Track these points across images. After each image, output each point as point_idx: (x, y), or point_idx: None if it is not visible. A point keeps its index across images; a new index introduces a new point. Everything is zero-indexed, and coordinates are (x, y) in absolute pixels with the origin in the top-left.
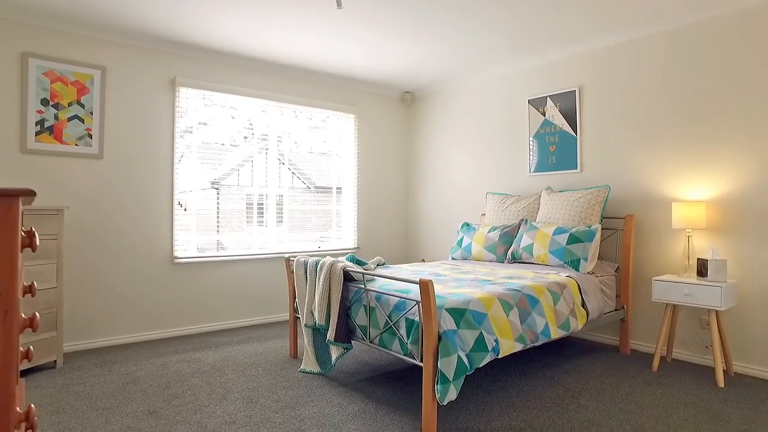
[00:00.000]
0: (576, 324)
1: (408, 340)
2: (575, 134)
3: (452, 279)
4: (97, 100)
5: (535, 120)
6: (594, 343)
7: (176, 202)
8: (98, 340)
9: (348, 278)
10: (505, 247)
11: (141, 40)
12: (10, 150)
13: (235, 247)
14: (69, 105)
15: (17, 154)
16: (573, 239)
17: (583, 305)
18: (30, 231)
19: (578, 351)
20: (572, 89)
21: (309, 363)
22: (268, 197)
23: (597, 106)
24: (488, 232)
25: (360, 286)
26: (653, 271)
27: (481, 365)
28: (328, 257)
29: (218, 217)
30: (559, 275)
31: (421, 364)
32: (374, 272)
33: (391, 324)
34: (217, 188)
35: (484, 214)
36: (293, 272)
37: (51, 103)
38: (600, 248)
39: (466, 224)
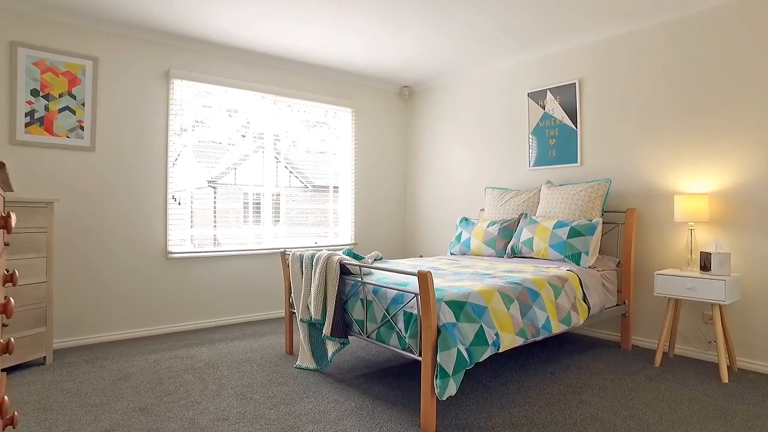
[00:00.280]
0: (577, 318)
1: (406, 334)
2: (575, 127)
3: (451, 273)
4: (89, 92)
5: (535, 113)
6: (595, 339)
7: (170, 196)
8: (89, 337)
9: (345, 271)
10: (505, 242)
11: (134, 31)
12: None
13: (231, 243)
14: (60, 96)
15: (6, 146)
16: (574, 233)
17: (585, 300)
18: (6, 214)
19: (579, 347)
20: (572, 82)
21: (305, 359)
22: (265, 196)
23: (597, 99)
24: (487, 227)
25: (357, 280)
26: (655, 266)
27: (482, 360)
28: (325, 250)
29: (215, 216)
30: (560, 269)
31: (420, 359)
32: (372, 265)
33: (389, 318)
34: (214, 187)
35: (483, 209)
36: (289, 266)
37: (41, 94)
38: (601, 243)
39: (465, 219)
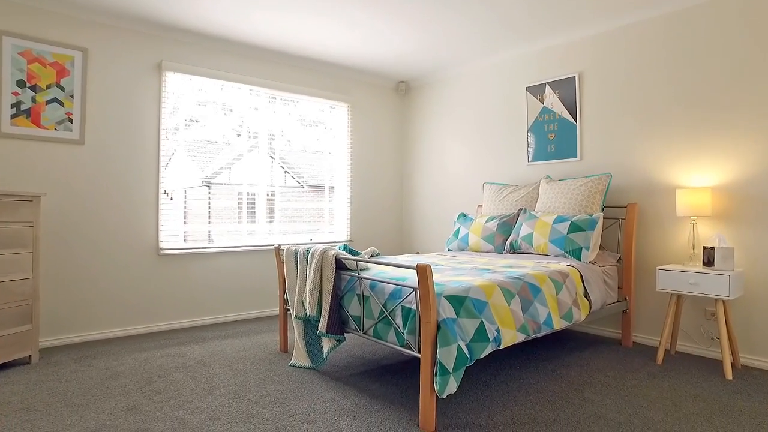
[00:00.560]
0: (579, 315)
1: (404, 330)
2: (575, 122)
3: (450, 268)
4: (78, 83)
5: (534, 108)
6: (595, 336)
7: (162, 191)
8: (77, 335)
9: (340, 266)
10: (504, 237)
11: (125, 21)
12: None
13: (225, 239)
14: (47, 87)
15: None
16: (574, 228)
17: (586, 295)
18: None
19: (579, 344)
20: (572, 75)
21: (299, 357)
22: (260, 195)
23: (597, 93)
24: (486, 222)
25: (353, 275)
26: (656, 261)
27: (482, 356)
28: (320, 245)
29: (209, 215)
30: (561, 264)
31: (419, 356)
32: (368, 259)
33: (387, 313)
34: (209, 186)
35: (481, 206)
36: (283, 262)
37: (28, 85)
38: (601, 238)
39: (463, 215)
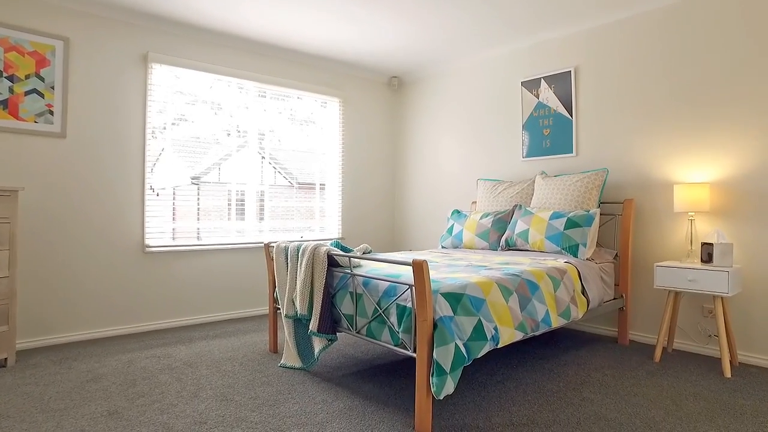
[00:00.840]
0: (576, 312)
1: (399, 329)
2: (570, 117)
3: (445, 265)
4: (60, 74)
5: (529, 103)
6: (591, 335)
7: (148, 186)
8: (58, 336)
9: (332, 263)
10: (499, 234)
11: (109, 10)
12: None
13: (213, 237)
14: (26, 78)
15: None
16: (571, 224)
17: (584, 293)
18: None
19: (575, 342)
20: (567, 70)
21: (290, 357)
22: (249, 194)
23: (593, 87)
24: (480, 219)
25: (346, 272)
26: (653, 258)
27: (480, 355)
28: (311, 242)
29: (198, 214)
30: (558, 261)
31: (414, 355)
32: (361, 255)
33: (381, 311)
34: (198, 184)
35: (475, 202)
36: (273, 259)
37: (5, 75)
38: (598, 235)
39: (457, 211)
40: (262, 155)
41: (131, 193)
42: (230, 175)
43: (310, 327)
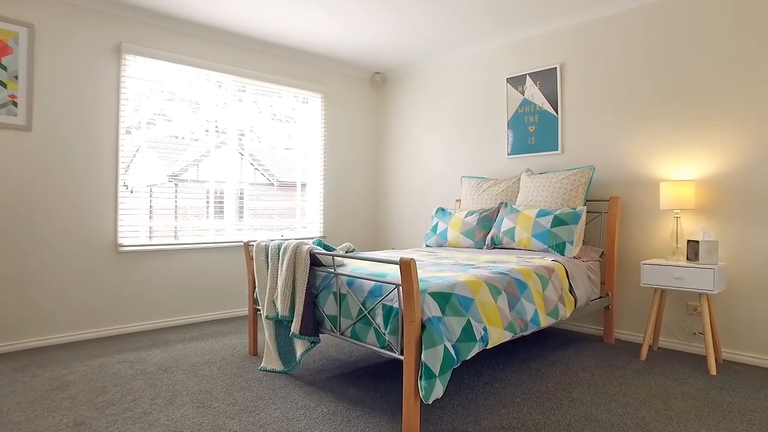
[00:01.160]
0: (564, 311)
1: (385, 331)
2: (556, 114)
3: (430, 264)
4: (24, 63)
5: (514, 100)
6: (577, 333)
7: (121, 183)
8: (22, 341)
9: (315, 263)
10: (484, 232)
11: None
12: None
13: (191, 236)
14: None
15: None
16: (558, 221)
17: (571, 291)
18: None
19: (561, 342)
20: (553, 66)
21: (270, 360)
22: (228, 192)
23: (579, 84)
24: (465, 217)
25: (329, 271)
26: (639, 256)
27: (469, 357)
28: (293, 240)
29: (176, 213)
30: (545, 259)
31: (402, 358)
32: (346, 254)
33: (366, 312)
34: (175, 183)
35: (459, 200)
36: (253, 258)
37: None
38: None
39: (441, 209)
40: (242, 153)
41: (104, 190)
42: (209, 174)
43: (292, 329)
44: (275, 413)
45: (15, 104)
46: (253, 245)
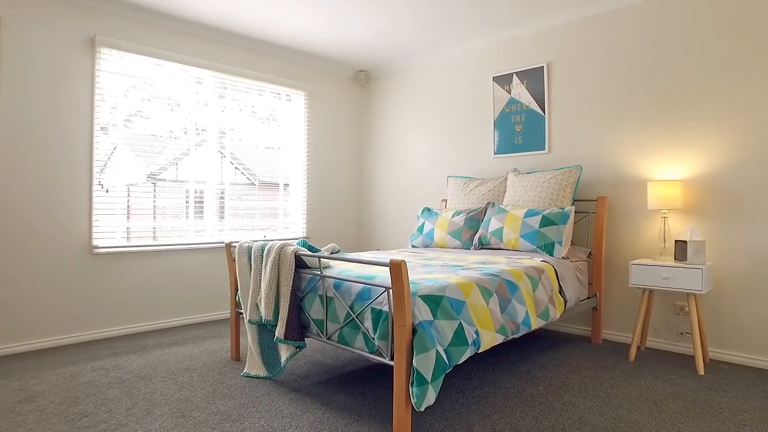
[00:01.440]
0: (554, 313)
1: (375, 335)
2: (543, 113)
3: (419, 265)
4: None
5: (500, 98)
6: (564, 335)
7: (96, 182)
8: None
9: (300, 265)
10: (472, 233)
11: None
12: None
13: (170, 237)
14: None
15: None
16: (546, 222)
17: (561, 292)
18: None
19: (549, 343)
20: (540, 65)
21: (253, 366)
22: (208, 192)
23: (566, 83)
24: (452, 217)
25: (315, 273)
26: (626, 256)
27: (461, 361)
28: (276, 241)
29: (155, 213)
30: (534, 260)
31: (392, 363)
32: (333, 256)
33: (354, 316)
34: (154, 182)
35: (446, 200)
36: (235, 260)
37: None
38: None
39: (427, 209)
40: (223, 153)
41: (77, 190)
42: (188, 173)
43: (276, 333)
44: (259, 422)
45: None
46: (235, 246)
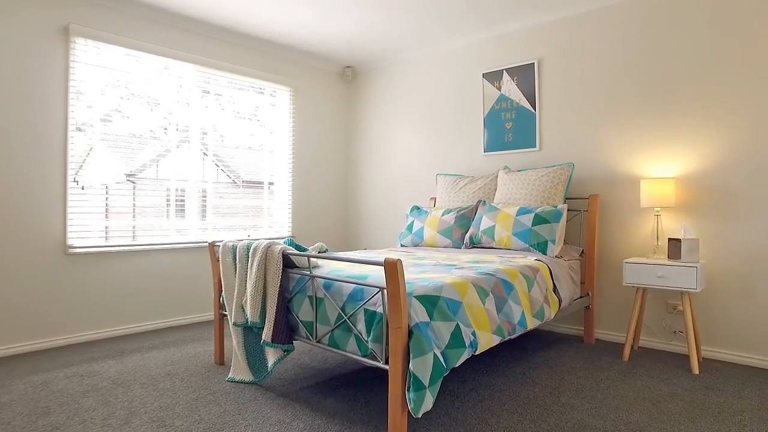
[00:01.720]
0: (549, 312)
1: (368, 338)
2: (534, 110)
3: (411, 264)
4: None
5: (490, 95)
6: (557, 334)
7: (71, 179)
8: None
9: (288, 264)
10: (462, 231)
11: None
12: None
13: (150, 236)
14: None
15: None
16: (539, 220)
17: (555, 291)
18: None
19: (542, 343)
20: (531, 62)
21: (239, 370)
22: (190, 192)
23: (557, 80)
24: (442, 215)
25: (304, 273)
26: (618, 255)
27: (457, 364)
28: (263, 240)
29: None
30: (528, 259)
31: (387, 367)
32: (323, 255)
33: (346, 318)
34: (133, 181)
35: (434, 198)
36: (219, 260)
37: None
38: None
39: (417, 207)
40: (205, 152)
41: (50, 187)
42: (169, 172)
43: (263, 337)
44: (246, 431)
45: None
46: (219, 245)
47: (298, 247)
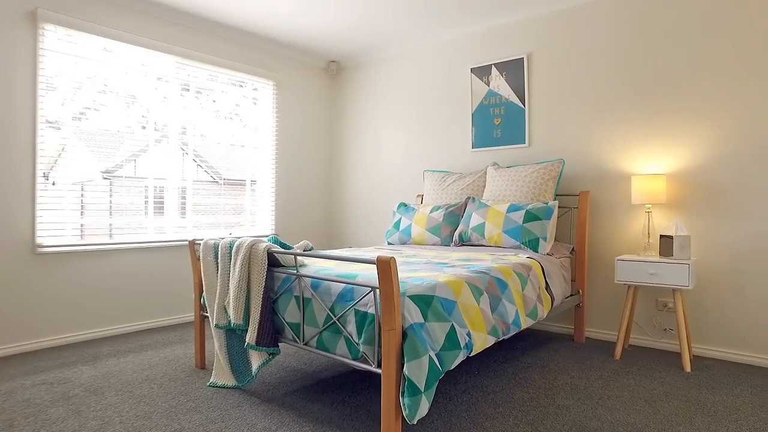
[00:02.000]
0: (542, 311)
1: (360, 340)
2: (523, 106)
3: (401, 263)
4: None
5: (479, 91)
6: (546, 333)
7: (40, 174)
8: None
9: (273, 263)
10: (451, 229)
11: None
12: None
13: (127, 234)
14: None
15: None
16: (530, 217)
17: (548, 289)
18: None
19: (532, 342)
20: (520, 57)
21: (221, 375)
22: (169, 189)
23: (547, 75)
24: (430, 212)
25: (290, 272)
26: (609, 252)
27: (452, 367)
28: (246, 238)
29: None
30: (520, 257)
31: (379, 371)
32: (311, 253)
33: (335, 319)
34: (110, 179)
35: (422, 195)
36: (200, 259)
37: None
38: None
39: (404, 204)
40: (185, 151)
41: (15, 181)
42: (148, 170)
43: (247, 339)
44: None
45: None
46: (200, 243)
47: (283, 245)
